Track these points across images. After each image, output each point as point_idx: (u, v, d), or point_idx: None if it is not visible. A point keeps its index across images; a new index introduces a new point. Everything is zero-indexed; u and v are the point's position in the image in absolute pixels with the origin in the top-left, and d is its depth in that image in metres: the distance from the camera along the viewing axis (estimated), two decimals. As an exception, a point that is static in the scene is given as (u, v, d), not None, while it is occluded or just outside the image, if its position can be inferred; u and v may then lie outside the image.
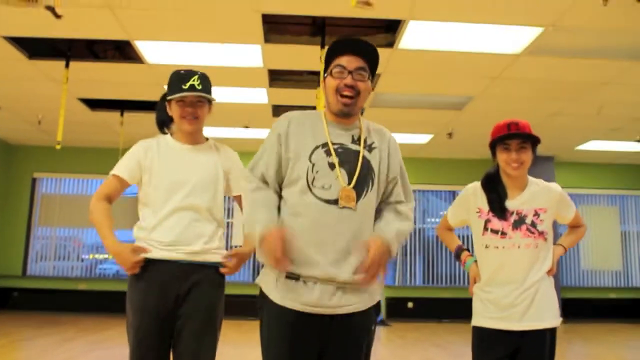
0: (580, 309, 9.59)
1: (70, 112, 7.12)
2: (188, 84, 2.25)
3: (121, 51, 5.68)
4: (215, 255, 2.32)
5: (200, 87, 2.26)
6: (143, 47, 5.29)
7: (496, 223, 2.26)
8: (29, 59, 5.63)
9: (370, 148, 1.93)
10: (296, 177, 1.85)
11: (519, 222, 2.24)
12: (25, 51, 5.49)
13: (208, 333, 2.26)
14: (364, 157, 1.89)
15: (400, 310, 9.53)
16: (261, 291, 1.90)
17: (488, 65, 5.54)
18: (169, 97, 2.31)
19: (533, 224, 2.24)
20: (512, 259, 2.22)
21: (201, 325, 2.24)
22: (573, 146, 9.00)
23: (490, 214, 2.27)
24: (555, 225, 2.33)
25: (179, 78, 2.28)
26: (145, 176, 2.32)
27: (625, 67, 5.49)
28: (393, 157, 1.98)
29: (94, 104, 7.30)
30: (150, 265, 2.24)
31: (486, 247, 2.27)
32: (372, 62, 1.93)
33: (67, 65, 5.58)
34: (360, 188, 1.85)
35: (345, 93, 1.87)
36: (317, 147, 1.87)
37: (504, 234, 2.24)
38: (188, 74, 2.28)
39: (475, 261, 2.36)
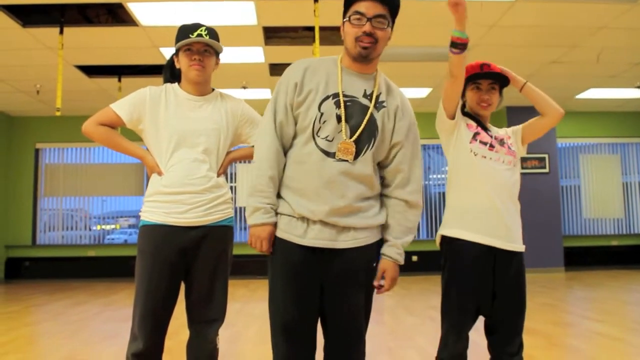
0: (582, 256, 9.74)
1: (68, 80, 7.13)
2: (195, 34, 2.25)
3: (114, 14, 5.66)
4: (223, 207, 2.31)
5: (207, 37, 2.26)
6: (136, 8, 5.26)
7: (485, 136, 2.31)
8: (23, 27, 5.61)
9: (380, 106, 1.92)
10: (306, 125, 1.87)
11: (501, 142, 2.33)
12: (18, 19, 5.48)
13: (221, 272, 2.30)
14: (371, 115, 1.89)
15: (405, 263, 9.52)
16: None
17: (484, 13, 5.49)
18: (177, 47, 2.28)
19: (510, 147, 2.35)
20: (495, 173, 2.26)
21: (214, 268, 2.27)
22: (573, 95, 8.96)
23: (479, 128, 2.33)
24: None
25: (186, 29, 2.28)
26: (149, 125, 2.28)
27: (622, 9, 5.43)
28: (400, 121, 1.95)
29: (91, 71, 7.29)
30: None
31: (474, 154, 2.28)
32: (392, 8, 1.89)
33: (61, 32, 5.57)
34: (361, 144, 1.86)
35: (364, 44, 1.84)
36: (327, 97, 1.87)
37: (492, 146, 2.30)
38: (195, 25, 2.29)
39: None
